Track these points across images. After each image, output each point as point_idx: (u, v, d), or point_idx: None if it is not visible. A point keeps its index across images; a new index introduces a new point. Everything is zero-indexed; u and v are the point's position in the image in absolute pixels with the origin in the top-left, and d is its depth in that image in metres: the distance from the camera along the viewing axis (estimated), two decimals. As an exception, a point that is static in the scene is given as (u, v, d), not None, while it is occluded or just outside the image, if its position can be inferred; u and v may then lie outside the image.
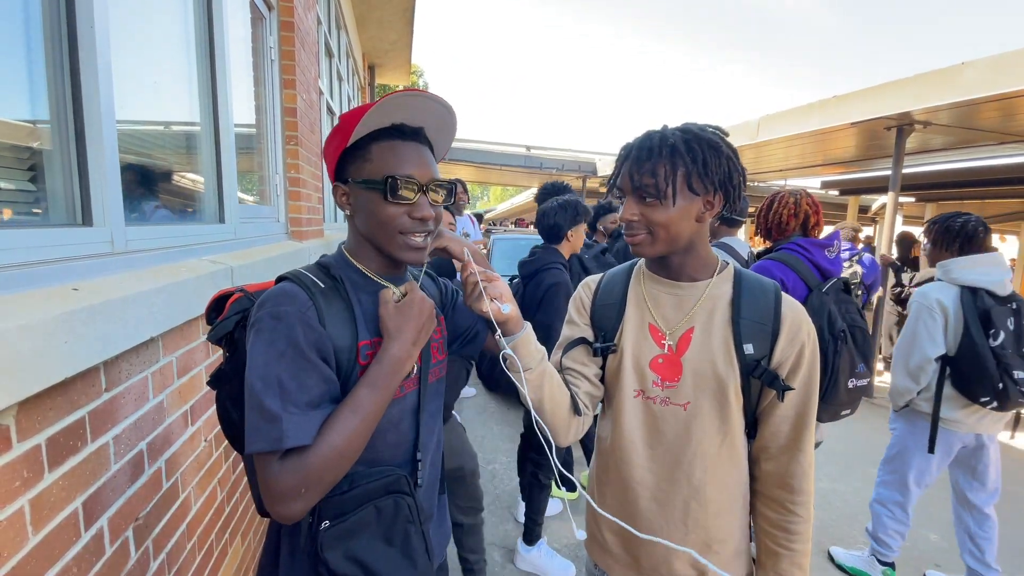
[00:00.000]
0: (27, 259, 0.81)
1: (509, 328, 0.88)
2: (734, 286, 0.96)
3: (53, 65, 0.91)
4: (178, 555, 1.16)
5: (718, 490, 0.95)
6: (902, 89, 4.26)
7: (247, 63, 2.25)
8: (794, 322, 0.93)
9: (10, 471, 0.65)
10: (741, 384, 0.92)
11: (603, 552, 1.07)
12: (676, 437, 0.95)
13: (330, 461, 0.72)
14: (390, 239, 0.82)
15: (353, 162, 0.83)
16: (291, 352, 0.72)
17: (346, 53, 5.48)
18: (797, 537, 0.94)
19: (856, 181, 9.13)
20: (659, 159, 0.88)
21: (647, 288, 1.02)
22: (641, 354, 0.98)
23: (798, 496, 0.93)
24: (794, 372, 0.92)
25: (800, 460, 0.93)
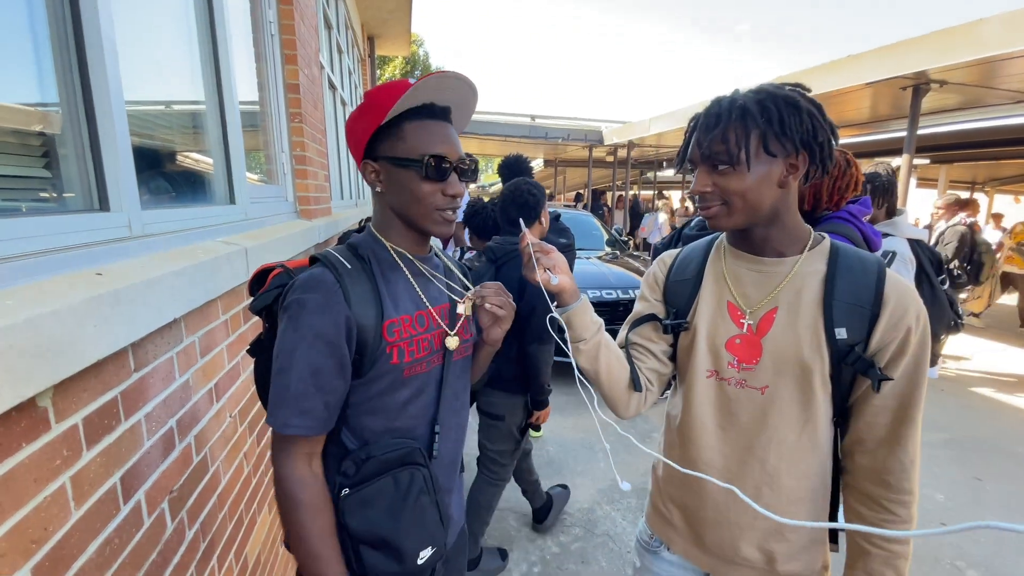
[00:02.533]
0: (49, 246, 0.82)
1: (564, 299, 0.91)
2: (829, 262, 0.87)
3: (59, 49, 0.91)
4: (211, 525, 1.21)
5: (795, 478, 0.90)
6: (918, 47, 4.12)
7: (247, 38, 2.21)
8: (899, 304, 0.83)
9: (51, 450, 0.68)
10: (831, 371, 0.85)
11: (665, 524, 1.05)
12: (751, 421, 0.91)
13: (283, 505, 0.81)
14: (426, 215, 0.87)
15: (385, 140, 0.86)
16: (311, 341, 0.78)
17: (345, 24, 5.36)
18: (892, 538, 0.85)
19: (870, 144, 8.92)
20: (729, 122, 0.82)
21: (728, 264, 0.95)
22: (716, 333, 0.93)
23: (896, 494, 0.85)
24: (896, 360, 0.83)
25: (900, 456, 0.84)
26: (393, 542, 0.83)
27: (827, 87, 5.18)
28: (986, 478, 3.06)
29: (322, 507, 0.81)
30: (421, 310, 0.90)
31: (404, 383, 0.87)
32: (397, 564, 0.84)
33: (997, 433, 3.64)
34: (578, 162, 13.77)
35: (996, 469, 3.16)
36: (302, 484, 0.80)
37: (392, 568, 0.84)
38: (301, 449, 0.80)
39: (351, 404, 0.86)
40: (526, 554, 2.33)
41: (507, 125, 10.17)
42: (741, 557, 0.94)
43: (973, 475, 3.08)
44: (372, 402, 0.86)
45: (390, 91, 0.81)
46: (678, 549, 1.03)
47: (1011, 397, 4.35)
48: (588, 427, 3.56)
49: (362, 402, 0.86)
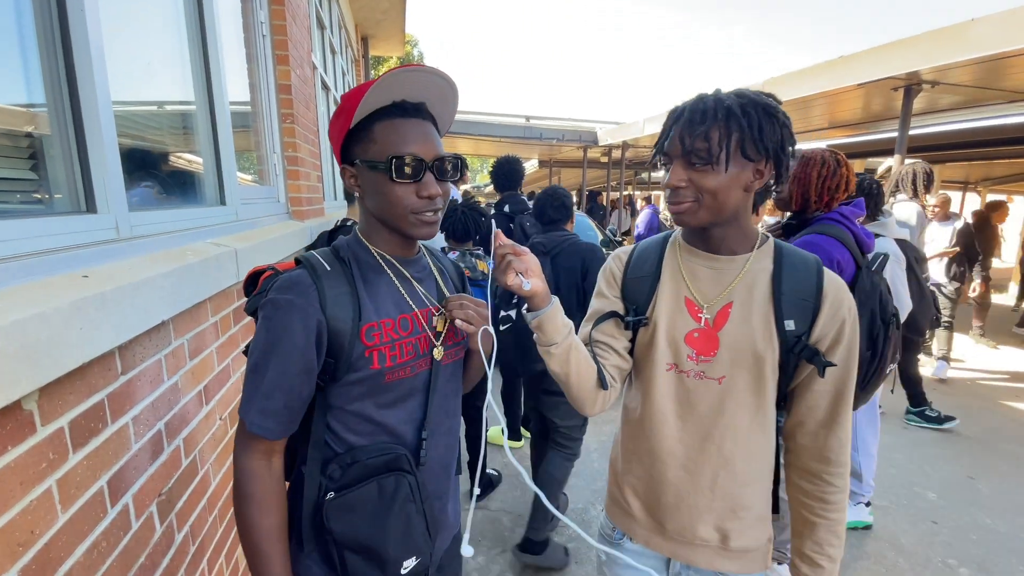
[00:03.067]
0: (35, 248, 0.82)
1: (535, 303, 0.90)
2: (775, 260, 0.94)
3: (46, 51, 0.90)
4: (201, 527, 1.21)
5: (747, 461, 0.96)
6: (910, 48, 4.15)
7: (238, 39, 2.21)
8: (836, 298, 0.91)
9: (37, 453, 0.68)
10: (780, 360, 0.92)
11: (625, 516, 1.09)
12: (709, 410, 0.96)
13: (235, 497, 0.82)
14: (401, 218, 0.84)
15: (358, 143, 0.84)
16: (282, 342, 0.78)
17: (338, 25, 5.35)
18: (833, 507, 0.95)
19: (862, 144, 8.97)
20: (714, 122, 0.84)
21: (684, 261, 0.99)
22: (676, 328, 0.97)
23: (835, 468, 0.94)
24: (834, 348, 0.91)
25: (838, 434, 0.93)
26: (376, 549, 0.82)
27: (819, 88, 5.20)
28: (979, 477, 3.08)
29: (274, 504, 0.81)
30: (405, 313, 0.88)
31: (387, 387, 0.86)
32: (380, 572, 0.84)
33: (990, 432, 3.67)
34: (573, 163, 13.78)
35: (989, 467, 3.18)
36: (256, 478, 0.80)
37: (375, 575, 0.84)
38: (261, 446, 0.80)
39: (332, 407, 0.86)
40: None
41: (501, 126, 10.17)
42: (700, 538, 0.99)
43: (966, 474, 3.10)
44: (354, 405, 0.85)
45: (358, 92, 0.79)
46: (640, 539, 1.07)
47: (1004, 396, 4.38)
48: (583, 427, 3.57)
49: (343, 405, 0.85)
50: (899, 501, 2.80)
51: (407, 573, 0.86)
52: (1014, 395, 4.41)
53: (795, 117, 6.45)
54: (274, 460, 0.83)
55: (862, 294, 1.69)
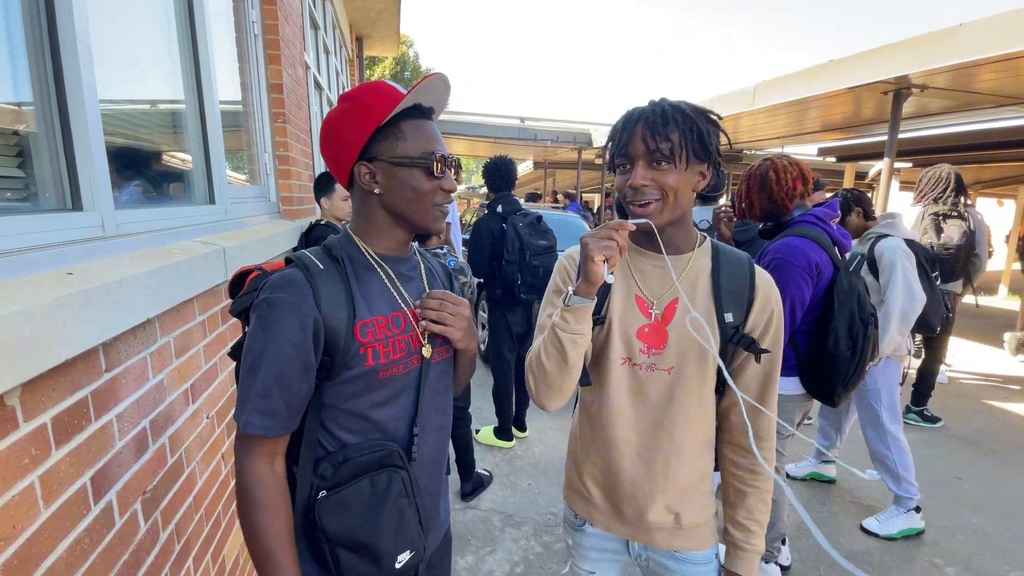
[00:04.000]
0: (19, 245, 0.82)
1: (585, 290, 0.91)
2: (712, 258, 1.03)
3: (34, 47, 0.91)
4: (186, 526, 1.21)
5: (693, 445, 1.04)
6: (899, 52, 4.19)
7: (230, 39, 2.20)
8: (765, 291, 1.01)
9: (18, 449, 0.68)
10: (720, 349, 0.99)
11: (585, 503, 1.15)
12: (660, 399, 1.03)
13: (240, 502, 0.81)
14: (427, 211, 0.89)
15: (383, 140, 0.85)
16: (280, 341, 0.78)
17: (332, 25, 5.35)
18: (761, 477, 1.05)
19: (853, 147, 9.05)
20: (674, 125, 0.91)
21: (633, 261, 1.06)
22: (628, 324, 1.03)
23: (764, 443, 1.03)
24: (764, 335, 1.01)
25: (766, 413, 1.02)
26: (370, 545, 0.83)
27: (810, 91, 5.25)
28: (966, 477, 3.12)
29: (279, 507, 0.81)
30: (397, 311, 0.89)
31: (381, 384, 0.86)
32: (375, 567, 0.84)
33: (977, 432, 3.71)
34: (567, 164, 13.81)
35: (975, 468, 3.22)
36: (260, 482, 0.80)
37: (370, 571, 0.84)
38: (263, 448, 0.80)
39: (327, 405, 0.86)
40: (509, 554, 2.33)
41: (496, 127, 10.16)
42: (655, 522, 1.06)
43: (953, 474, 3.14)
44: (348, 403, 0.86)
45: (382, 93, 0.83)
46: (600, 524, 1.13)
47: (991, 397, 4.43)
48: (574, 427, 3.58)
49: (338, 403, 0.86)
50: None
51: (401, 567, 0.86)
52: (1000, 396, 4.46)
53: (788, 120, 6.53)
54: (276, 462, 0.83)
55: (840, 294, 1.73)
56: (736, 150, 11.01)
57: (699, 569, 1.08)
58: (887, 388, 2.50)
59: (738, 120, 7.58)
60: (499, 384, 3.28)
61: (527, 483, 2.92)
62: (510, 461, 3.16)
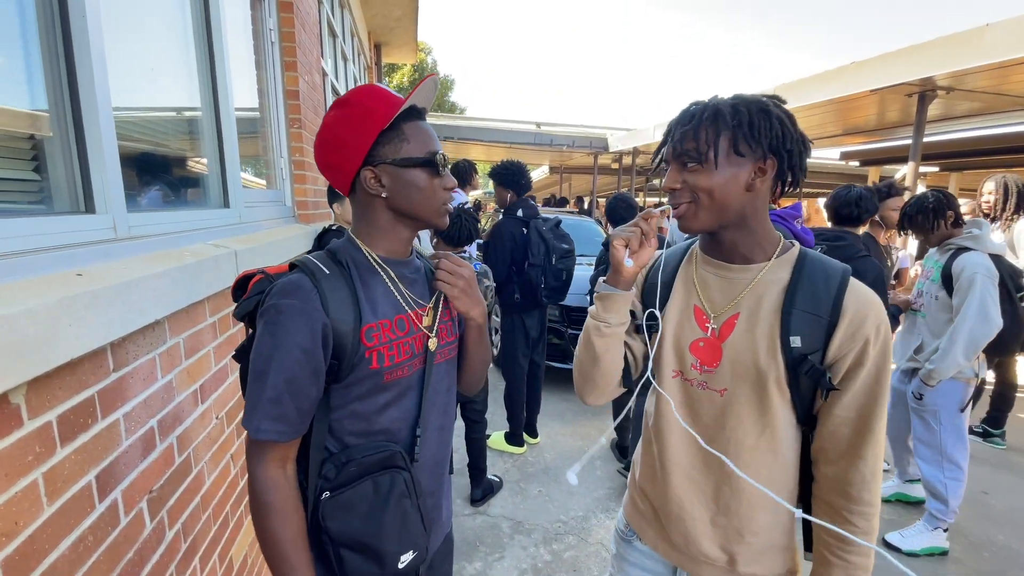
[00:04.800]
0: (31, 246, 0.84)
1: (616, 280, 0.93)
2: (794, 271, 0.89)
3: (49, 56, 0.93)
4: (193, 525, 1.22)
5: (753, 476, 0.89)
6: (923, 53, 4.09)
7: (248, 46, 2.25)
8: (857, 314, 0.84)
9: (23, 446, 0.69)
10: (787, 378, 0.86)
11: (639, 515, 1.09)
12: (711, 420, 0.94)
13: (254, 508, 0.82)
14: (434, 210, 0.90)
15: (387, 144, 0.86)
16: (288, 347, 0.78)
17: (351, 32, 5.43)
18: (853, 549, 0.86)
19: (877, 151, 8.86)
20: (701, 123, 0.85)
21: (698, 269, 0.99)
22: (683, 336, 0.96)
23: (856, 505, 0.86)
24: (855, 370, 0.84)
25: (860, 468, 0.85)
26: (373, 546, 0.83)
27: (832, 94, 5.16)
28: (993, 492, 3.00)
29: (293, 512, 0.81)
30: (401, 314, 0.89)
31: (385, 387, 0.87)
32: (378, 568, 0.84)
33: (1005, 447, 3.57)
34: (583, 169, 13.79)
35: (1003, 484, 3.10)
36: (274, 488, 0.80)
37: (373, 572, 0.84)
38: (275, 453, 0.81)
39: (333, 408, 0.87)
40: (517, 561, 2.31)
41: (512, 132, 10.22)
42: (703, 555, 0.97)
43: (980, 489, 3.02)
44: (353, 406, 0.86)
45: (379, 96, 0.85)
46: (649, 540, 1.06)
47: (1019, 409, 4.27)
48: (586, 434, 3.54)
49: (343, 406, 0.86)
50: (910, 516, 2.73)
51: (404, 567, 0.86)
52: (1032, 409, 4.29)
53: (808, 123, 6.45)
54: (288, 467, 0.84)
55: None
56: (755, 154, 10.83)
57: None
58: (947, 410, 2.35)
59: (757, 124, 7.47)
60: (511, 389, 3.26)
61: (537, 490, 2.89)
62: (521, 467, 3.14)
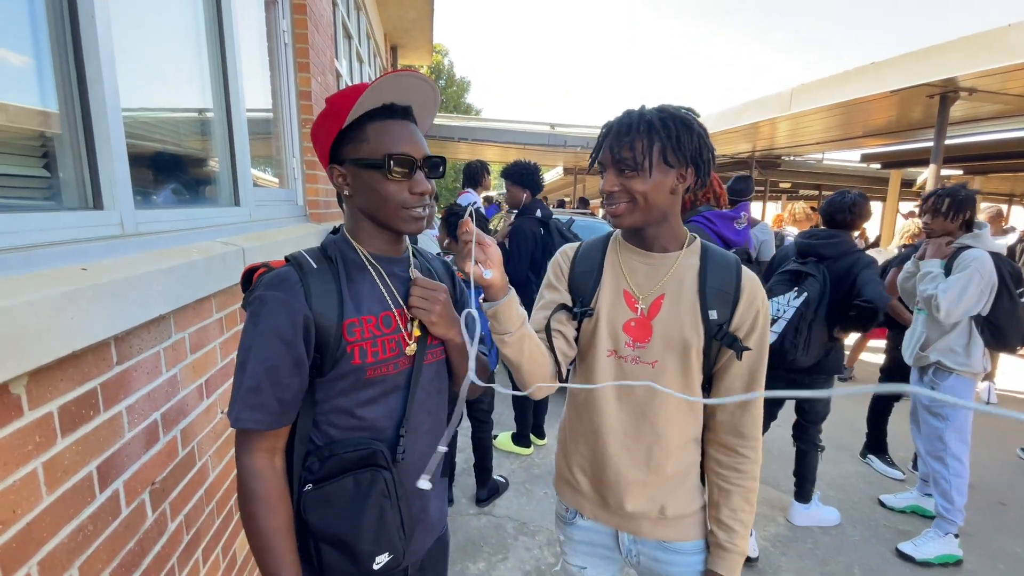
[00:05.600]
0: (39, 240, 0.86)
1: (492, 294, 0.94)
2: (701, 258, 1.06)
3: (59, 55, 0.95)
4: (196, 518, 1.24)
5: (678, 436, 1.07)
6: (944, 53, 4.00)
7: (261, 47, 2.28)
8: (751, 291, 1.03)
9: (22, 436, 0.71)
10: (704, 346, 1.02)
11: (574, 492, 1.18)
12: (643, 391, 1.06)
13: (241, 497, 0.82)
14: (393, 214, 0.87)
15: (349, 143, 0.87)
16: (268, 338, 0.79)
17: (366, 34, 5.48)
18: (746, 475, 1.05)
19: (898, 153, 8.68)
20: (637, 134, 0.96)
21: (623, 257, 1.11)
22: (616, 317, 1.07)
23: (748, 441, 1.05)
24: (750, 334, 1.03)
25: (751, 410, 1.04)
26: (349, 543, 0.83)
27: (850, 95, 5.07)
28: (1010, 503, 2.92)
29: (279, 502, 0.82)
30: (387, 311, 0.90)
31: (368, 383, 0.87)
32: (353, 566, 0.85)
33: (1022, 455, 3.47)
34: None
35: (1020, 493, 3.01)
36: (260, 478, 0.81)
37: (348, 569, 0.85)
38: (261, 443, 0.82)
39: (318, 402, 0.87)
40: (521, 563, 2.30)
41: (526, 133, 10.22)
42: (640, 512, 1.09)
43: (998, 500, 2.94)
44: (337, 400, 0.87)
45: (349, 95, 0.83)
46: (589, 514, 1.16)
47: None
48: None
49: (327, 400, 0.87)
50: (923, 523, 2.66)
51: (379, 568, 0.86)
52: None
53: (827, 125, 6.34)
54: (276, 458, 0.84)
55: None
56: (774, 156, 10.72)
57: (689, 559, 1.10)
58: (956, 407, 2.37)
59: (775, 125, 7.38)
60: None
61: (543, 492, 2.88)
62: (527, 468, 3.13)
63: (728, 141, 9.07)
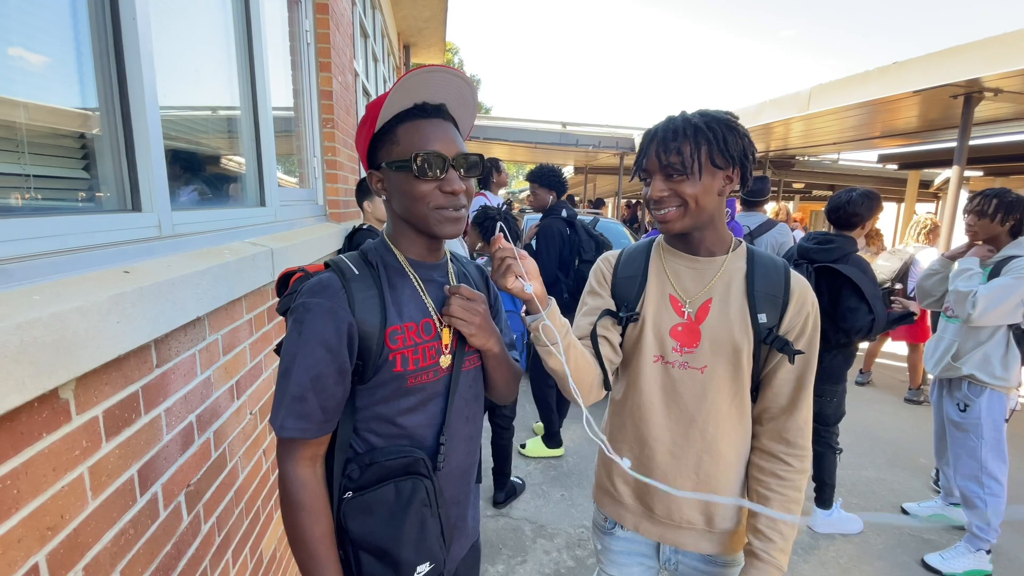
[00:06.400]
0: (82, 243, 0.86)
1: (534, 306, 0.92)
2: (748, 262, 1.06)
3: (100, 57, 0.95)
4: (227, 519, 1.24)
5: (728, 444, 1.05)
6: (969, 54, 3.92)
7: (284, 47, 2.28)
8: (801, 294, 1.02)
9: (70, 441, 0.70)
10: (754, 350, 1.01)
11: (615, 504, 1.16)
12: (692, 397, 1.05)
13: (285, 506, 0.81)
14: (426, 216, 0.85)
15: (383, 147, 0.87)
16: (313, 345, 0.78)
17: (381, 33, 5.49)
18: (787, 483, 1.02)
19: (917, 154, 8.55)
20: (684, 138, 0.96)
21: (667, 262, 1.10)
22: (662, 322, 1.06)
23: (793, 449, 1.03)
24: (799, 338, 1.02)
25: (797, 417, 1.02)
26: (391, 552, 0.82)
27: (872, 95, 4.99)
28: (1040, 513, 2.85)
29: (323, 510, 0.81)
30: (427, 318, 0.89)
31: (409, 391, 0.86)
32: (394, 575, 0.84)
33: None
34: (609, 169, 13.66)
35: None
36: (304, 486, 0.80)
37: None
38: (304, 452, 0.81)
39: (358, 409, 0.87)
40: (540, 566, 2.29)
41: (537, 132, 10.17)
42: (686, 520, 1.07)
43: (1025, 509, 2.88)
44: (377, 408, 0.86)
45: (381, 99, 0.82)
46: (630, 525, 1.15)
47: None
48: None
49: (368, 407, 0.86)
50: (949, 535, 2.62)
51: None
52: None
53: (845, 125, 6.23)
54: (318, 466, 0.84)
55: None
56: (789, 156, 10.60)
57: (732, 572, 1.09)
58: (991, 422, 2.28)
59: (791, 126, 7.30)
60: (543, 393, 3.20)
61: (560, 494, 2.87)
62: (544, 471, 3.11)
63: (743, 141, 8.97)
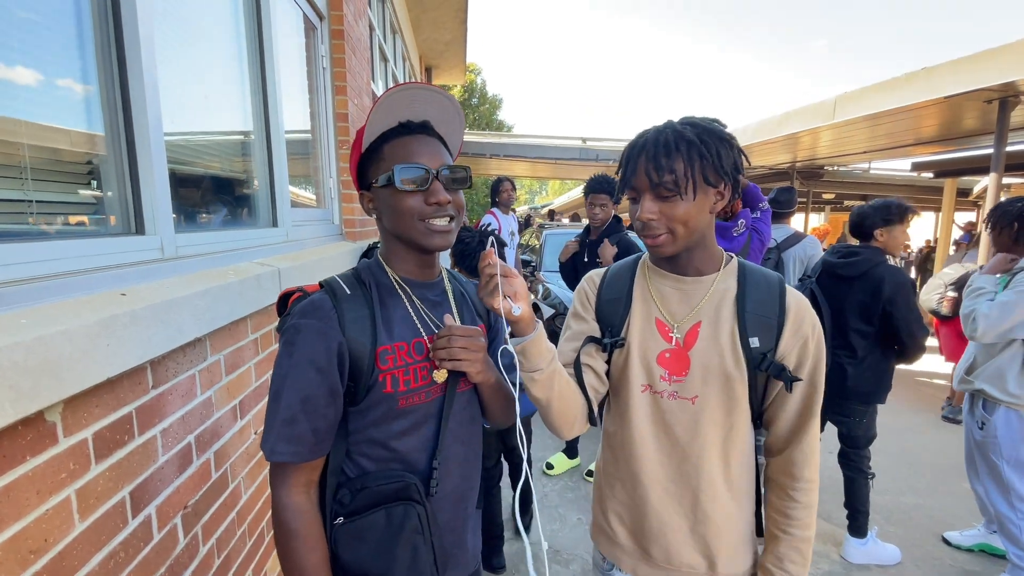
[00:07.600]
0: (83, 267, 0.88)
1: (520, 328, 0.87)
2: (738, 280, 0.97)
3: (105, 85, 0.99)
4: (228, 541, 1.23)
5: (726, 481, 0.97)
6: (1003, 57, 3.77)
7: (301, 71, 2.35)
8: (798, 314, 0.93)
9: (56, 463, 0.71)
10: (749, 378, 0.93)
11: (611, 544, 1.08)
12: (685, 430, 0.97)
13: (278, 533, 0.80)
14: (412, 227, 0.85)
15: (371, 166, 0.87)
16: (304, 367, 0.77)
17: (402, 57, 5.62)
18: (795, 523, 0.95)
19: (953, 161, 8.23)
20: (677, 154, 0.87)
21: (653, 282, 1.02)
22: (648, 349, 0.98)
23: (798, 483, 0.95)
24: (800, 364, 0.93)
25: (802, 447, 0.95)
26: None
27: (899, 102, 4.84)
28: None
29: (318, 538, 0.79)
30: (419, 338, 0.87)
31: (401, 413, 0.84)
32: None
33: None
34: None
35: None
36: (297, 514, 0.79)
37: None
38: (298, 477, 0.79)
39: (350, 432, 0.85)
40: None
41: (558, 148, 10.23)
42: (686, 564, 0.99)
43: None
44: (369, 431, 0.84)
45: (366, 122, 0.83)
46: (627, 568, 1.06)
47: None
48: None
49: (359, 430, 0.84)
50: (995, 569, 2.43)
51: None
52: None
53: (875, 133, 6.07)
54: (312, 492, 0.82)
55: None
56: (817, 166, 10.37)
57: None
58: (1010, 441, 2.14)
59: (818, 135, 7.14)
60: None
61: (576, 518, 2.79)
62: (560, 493, 3.04)
63: (767, 152, 8.83)
